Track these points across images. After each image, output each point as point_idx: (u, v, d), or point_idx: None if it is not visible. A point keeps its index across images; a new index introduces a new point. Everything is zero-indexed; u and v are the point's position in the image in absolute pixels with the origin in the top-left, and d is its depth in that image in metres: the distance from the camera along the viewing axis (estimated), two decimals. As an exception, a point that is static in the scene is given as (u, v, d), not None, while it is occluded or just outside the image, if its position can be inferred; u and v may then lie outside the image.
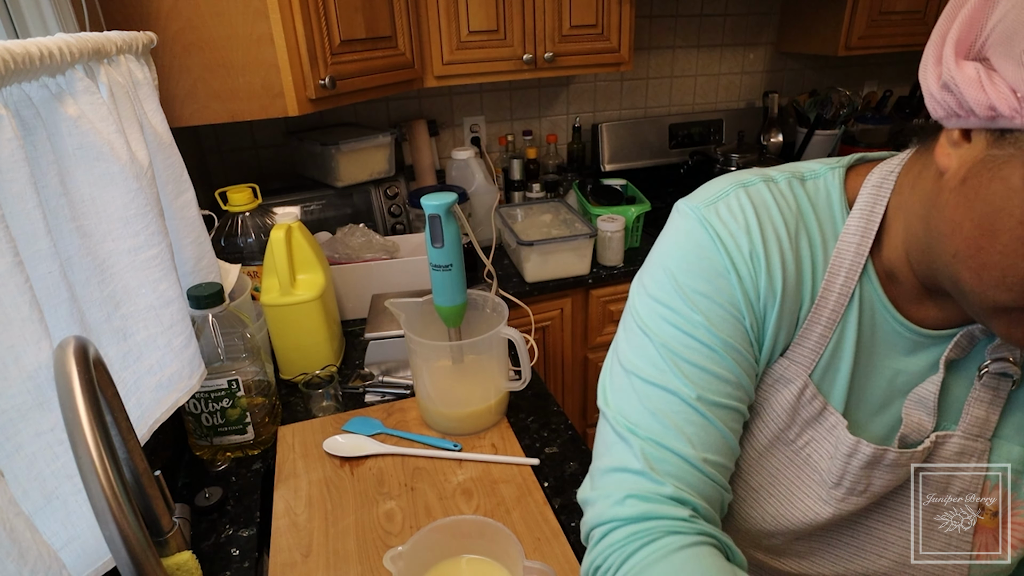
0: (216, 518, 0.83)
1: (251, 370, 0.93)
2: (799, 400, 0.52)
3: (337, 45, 1.19)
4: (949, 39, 0.37)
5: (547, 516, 0.80)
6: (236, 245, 1.23)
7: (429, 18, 1.44)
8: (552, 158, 2.00)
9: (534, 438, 0.96)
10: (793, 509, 0.55)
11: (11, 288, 0.46)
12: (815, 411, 0.52)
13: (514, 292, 1.50)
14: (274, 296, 1.07)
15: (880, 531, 0.55)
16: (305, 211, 1.55)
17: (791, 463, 0.55)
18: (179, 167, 0.88)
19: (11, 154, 0.48)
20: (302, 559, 0.75)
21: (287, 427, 1.00)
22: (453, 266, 0.89)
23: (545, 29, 1.54)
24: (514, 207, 1.76)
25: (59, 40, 0.57)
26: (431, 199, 0.86)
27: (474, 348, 0.95)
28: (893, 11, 1.91)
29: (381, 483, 0.87)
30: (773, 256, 0.49)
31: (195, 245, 0.92)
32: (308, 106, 1.16)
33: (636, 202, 1.72)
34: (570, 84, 2.02)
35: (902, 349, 0.52)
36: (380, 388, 1.08)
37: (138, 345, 0.71)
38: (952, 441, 0.51)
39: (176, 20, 1.03)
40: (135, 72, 0.80)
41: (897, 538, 0.54)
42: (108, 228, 0.66)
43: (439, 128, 1.91)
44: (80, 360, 0.45)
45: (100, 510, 0.42)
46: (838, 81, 2.39)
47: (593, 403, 1.79)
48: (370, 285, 1.33)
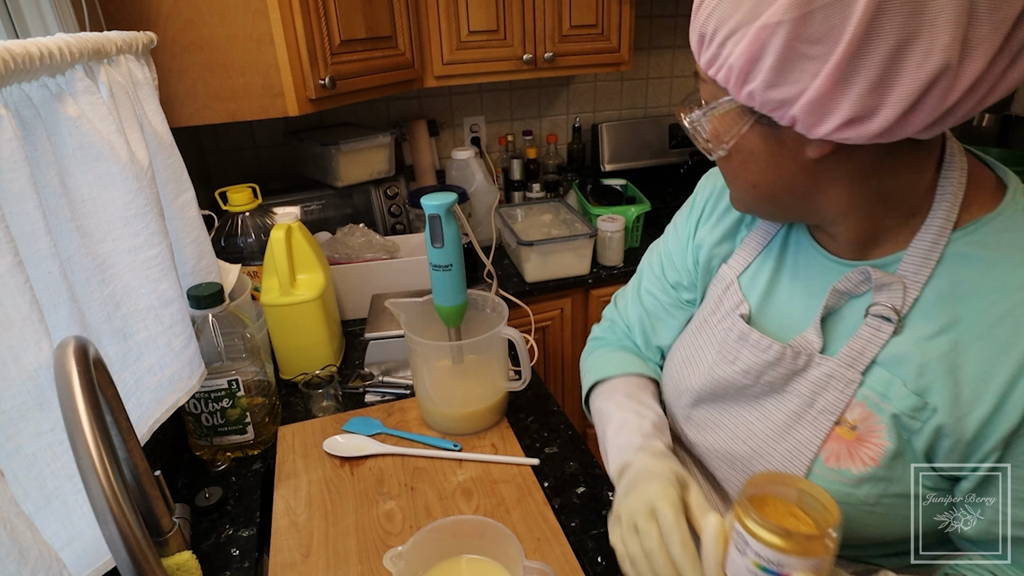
0: (216, 518, 0.83)
1: (251, 370, 0.93)
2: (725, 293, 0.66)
3: (337, 45, 1.19)
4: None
5: (547, 516, 0.80)
6: (236, 245, 1.23)
7: (429, 18, 1.44)
8: (552, 158, 2.00)
9: (534, 438, 0.96)
10: (692, 371, 0.68)
11: (11, 288, 0.46)
12: (733, 303, 0.65)
13: (514, 292, 1.50)
14: (274, 296, 1.07)
15: (751, 419, 0.62)
16: (305, 211, 1.55)
17: (702, 336, 0.69)
18: (179, 167, 0.88)
19: (11, 154, 0.48)
20: (302, 559, 0.75)
21: (287, 427, 1.00)
22: (453, 266, 0.89)
23: (545, 29, 1.54)
24: (514, 207, 1.76)
25: (59, 40, 0.57)
26: (431, 199, 0.86)
27: (474, 348, 0.95)
28: (893, 11, 1.91)
29: (381, 483, 0.87)
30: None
31: (195, 245, 0.92)
32: (308, 106, 1.16)
33: (636, 202, 1.72)
34: (570, 84, 2.02)
35: (815, 270, 0.60)
36: (380, 388, 1.08)
37: (138, 345, 0.71)
38: (826, 365, 0.56)
39: (176, 20, 1.03)
40: (135, 72, 0.80)
41: (760, 430, 0.61)
42: (108, 228, 0.66)
43: (439, 128, 1.91)
44: (80, 360, 0.45)
45: (100, 510, 0.42)
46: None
47: (593, 403, 1.79)
48: (370, 285, 1.33)
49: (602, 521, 0.80)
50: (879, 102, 0.40)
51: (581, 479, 0.87)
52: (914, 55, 0.38)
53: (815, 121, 0.43)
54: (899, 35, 0.38)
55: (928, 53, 0.38)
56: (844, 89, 0.41)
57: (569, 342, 1.67)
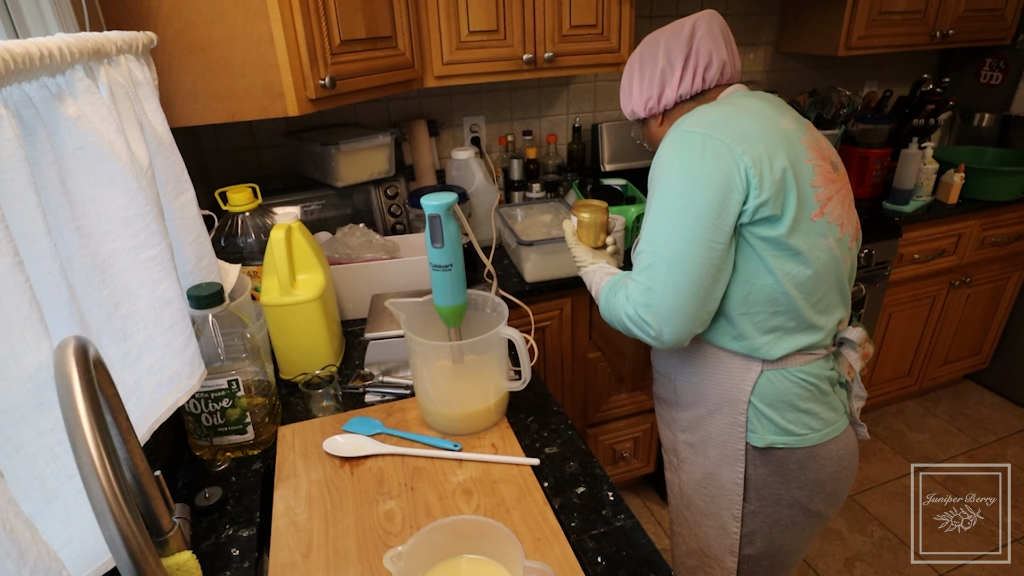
0: (216, 518, 0.83)
1: (251, 370, 0.93)
2: None
3: (337, 45, 1.19)
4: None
5: (547, 516, 0.80)
6: (236, 245, 1.23)
7: (429, 18, 1.44)
8: (552, 158, 2.00)
9: (534, 438, 0.96)
10: None
11: (11, 288, 0.46)
12: None
13: (514, 292, 1.50)
14: (274, 296, 1.07)
15: None
16: (305, 211, 1.55)
17: None
18: (179, 167, 0.88)
19: (11, 154, 0.48)
20: (302, 559, 0.75)
21: (287, 427, 1.00)
22: (453, 266, 0.89)
23: (545, 29, 1.54)
24: (514, 207, 1.76)
25: (59, 40, 0.57)
26: (431, 199, 0.86)
27: (474, 348, 0.95)
28: (893, 11, 1.92)
29: (381, 483, 0.87)
30: None
31: (195, 245, 0.92)
32: (308, 106, 1.16)
33: (636, 202, 1.72)
34: (570, 84, 2.02)
35: None
36: (380, 388, 1.08)
37: (138, 345, 0.71)
38: None
39: (176, 20, 1.03)
40: (135, 72, 0.80)
41: None
42: (108, 228, 0.66)
43: (439, 128, 1.91)
44: (80, 360, 0.45)
45: (100, 510, 0.42)
46: (838, 81, 2.39)
47: (593, 403, 1.79)
48: (370, 285, 1.33)
49: (602, 521, 0.80)
50: (652, 91, 0.99)
51: (581, 479, 0.87)
52: (655, 66, 0.98)
53: (643, 107, 1.01)
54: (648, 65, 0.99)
55: (655, 62, 0.97)
56: (642, 92, 1.00)
57: (569, 342, 1.67)
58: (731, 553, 1.03)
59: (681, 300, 0.85)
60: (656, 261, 0.85)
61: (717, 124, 0.85)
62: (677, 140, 0.87)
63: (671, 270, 0.85)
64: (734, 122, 0.86)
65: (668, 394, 1.07)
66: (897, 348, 2.25)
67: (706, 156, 0.83)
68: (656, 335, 0.88)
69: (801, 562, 1.74)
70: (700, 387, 0.99)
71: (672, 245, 0.84)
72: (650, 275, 0.86)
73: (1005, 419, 2.41)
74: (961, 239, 2.09)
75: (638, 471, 1.98)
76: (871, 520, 1.95)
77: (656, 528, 1.94)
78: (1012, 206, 2.09)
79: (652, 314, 0.87)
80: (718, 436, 0.98)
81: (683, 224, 0.83)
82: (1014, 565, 1.78)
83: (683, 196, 0.83)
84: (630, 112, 1.04)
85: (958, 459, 2.21)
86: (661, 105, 0.99)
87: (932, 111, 2.12)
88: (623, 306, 0.91)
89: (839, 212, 0.90)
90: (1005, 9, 2.12)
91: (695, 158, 0.84)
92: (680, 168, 0.85)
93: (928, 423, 2.41)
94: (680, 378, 1.03)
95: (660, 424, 1.14)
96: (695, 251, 0.84)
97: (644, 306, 0.87)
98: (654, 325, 0.87)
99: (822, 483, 0.96)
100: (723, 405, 0.96)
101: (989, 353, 2.48)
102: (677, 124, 0.89)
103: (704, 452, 1.01)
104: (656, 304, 0.86)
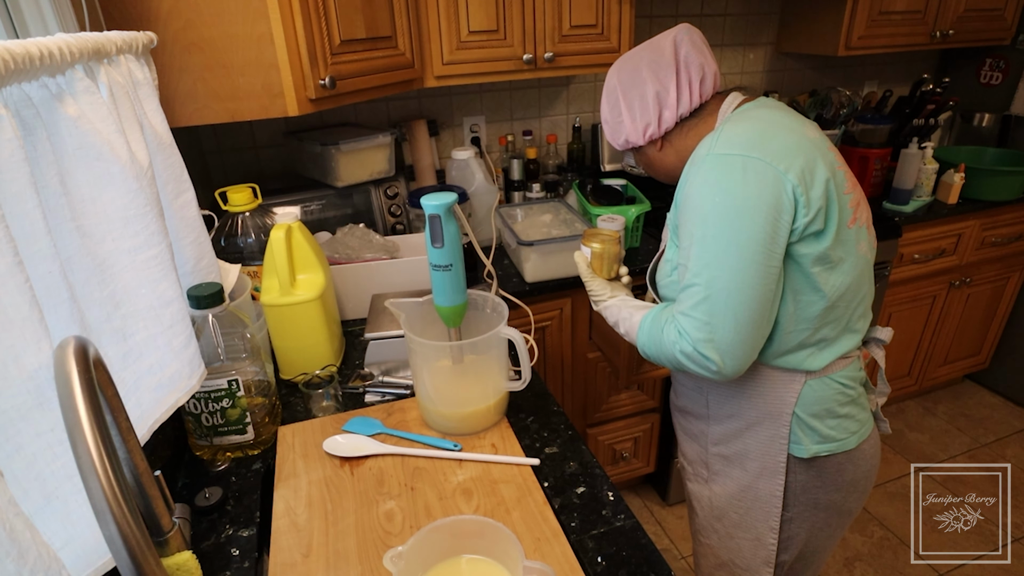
0: (216, 518, 0.83)
1: (251, 370, 0.93)
2: None
3: (337, 45, 1.19)
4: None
5: (547, 516, 0.80)
6: (236, 245, 1.23)
7: (429, 18, 1.44)
8: (552, 158, 2.00)
9: (534, 438, 0.96)
10: None
11: (11, 288, 0.46)
12: None
13: (514, 292, 1.50)
14: (274, 296, 1.07)
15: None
16: (305, 211, 1.55)
17: None
18: (179, 167, 0.88)
19: (11, 154, 0.48)
20: (302, 559, 0.75)
21: (287, 427, 1.00)
22: (453, 266, 0.89)
23: (545, 29, 1.54)
24: (514, 207, 1.76)
25: (59, 40, 0.57)
26: (431, 199, 0.86)
27: (474, 348, 0.95)
28: (893, 11, 1.92)
29: (381, 483, 0.87)
30: None
31: (195, 245, 0.92)
32: (308, 106, 1.16)
33: (636, 202, 1.72)
34: (570, 84, 2.02)
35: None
36: (380, 388, 1.08)
37: (138, 345, 0.71)
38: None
39: (176, 20, 1.03)
40: (135, 72, 0.80)
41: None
42: (108, 228, 0.66)
43: (439, 128, 1.91)
44: (80, 360, 0.45)
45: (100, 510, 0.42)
46: (838, 81, 2.39)
47: (593, 403, 1.79)
48: (370, 285, 1.33)
49: (602, 521, 0.80)
50: (649, 116, 0.94)
51: (581, 479, 0.87)
52: (645, 91, 0.93)
53: (641, 134, 0.96)
54: (634, 92, 0.94)
55: (645, 87, 0.93)
56: (634, 121, 0.96)
57: (569, 342, 1.67)
58: (767, 564, 1.01)
59: (743, 331, 0.81)
60: (712, 294, 0.80)
61: (753, 143, 0.81)
62: (713, 166, 0.82)
63: (730, 302, 0.80)
64: (768, 139, 0.82)
65: (697, 408, 1.03)
66: (897, 348, 2.25)
67: (749, 179, 0.79)
68: (719, 369, 0.83)
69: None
70: (737, 401, 0.95)
71: (727, 277, 0.79)
72: (707, 309, 0.81)
73: (1005, 419, 2.41)
74: (961, 239, 2.09)
75: (638, 471, 1.98)
76: (871, 520, 1.95)
77: (656, 528, 1.94)
78: (1012, 206, 2.09)
79: (714, 349, 0.82)
80: (757, 449, 0.95)
81: (736, 254, 0.79)
82: (1014, 565, 1.78)
83: (732, 224, 0.79)
84: (623, 143, 0.99)
85: (958, 459, 2.21)
86: (662, 129, 0.94)
87: (932, 111, 2.12)
88: (675, 344, 0.85)
89: (866, 215, 0.89)
90: (1005, 9, 2.12)
91: (737, 183, 0.79)
92: (723, 195, 0.80)
93: (928, 423, 2.41)
94: (714, 392, 0.98)
95: (683, 436, 1.10)
96: (752, 279, 0.80)
97: (705, 342, 0.82)
98: (717, 360, 0.82)
99: (856, 482, 0.97)
100: (764, 419, 0.93)
101: (989, 353, 2.48)
102: (707, 148, 0.84)
103: (741, 465, 0.98)
104: (718, 338, 0.81)
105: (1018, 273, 2.31)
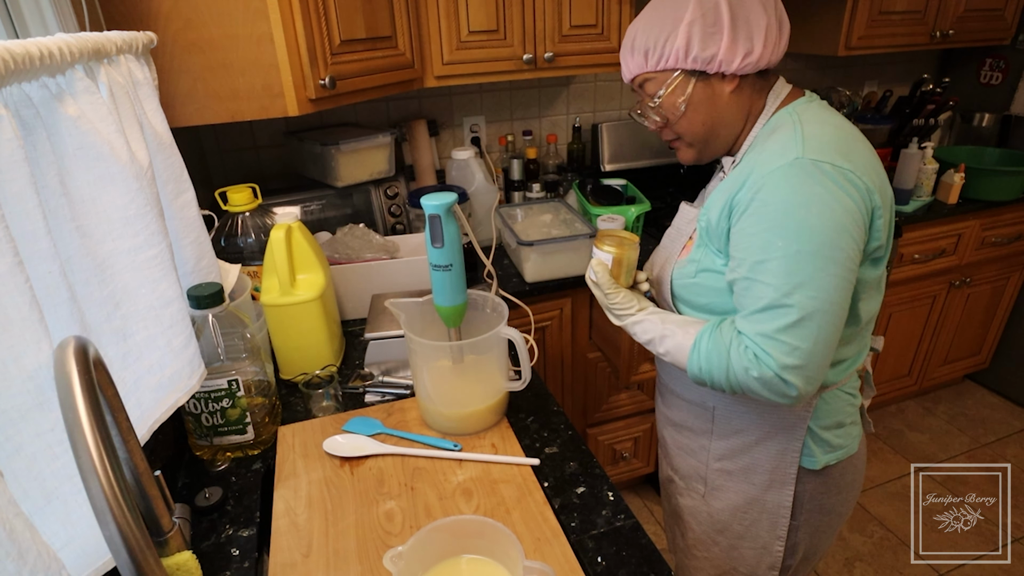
0: (216, 518, 0.83)
1: (251, 370, 0.93)
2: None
3: (337, 45, 1.19)
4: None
5: (547, 516, 0.80)
6: (236, 245, 1.23)
7: (429, 18, 1.44)
8: (552, 158, 2.00)
9: (534, 438, 0.96)
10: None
11: (11, 288, 0.46)
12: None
13: (514, 292, 1.50)
14: (274, 296, 1.07)
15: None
16: (305, 211, 1.55)
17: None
18: (179, 167, 0.88)
19: (11, 154, 0.48)
20: (302, 559, 0.75)
21: (287, 427, 1.00)
22: (453, 266, 0.89)
23: (545, 29, 1.54)
24: (514, 207, 1.76)
25: (59, 40, 0.57)
26: (431, 199, 0.86)
27: (474, 348, 0.95)
28: (893, 11, 1.91)
29: (381, 483, 0.87)
30: None
31: (195, 245, 0.92)
32: (308, 106, 1.16)
33: (636, 202, 1.72)
34: (570, 84, 2.02)
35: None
36: (380, 388, 1.08)
37: (138, 345, 0.71)
38: (692, 212, 0.94)
39: (176, 20, 1.03)
40: (135, 72, 0.80)
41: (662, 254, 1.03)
42: (108, 228, 0.66)
43: (439, 128, 1.91)
44: (80, 360, 0.45)
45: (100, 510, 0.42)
46: (838, 81, 2.39)
47: (593, 403, 1.79)
48: (370, 285, 1.33)
49: (602, 521, 0.80)
50: (754, 45, 0.79)
51: (581, 479, 0.87)
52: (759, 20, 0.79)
53: (732, 59, 0.79)
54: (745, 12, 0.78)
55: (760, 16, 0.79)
56: (735, 43, 0.79)
57: (569, 342, 1.67)
58: (772, 568, 0.99)
59: (828, 354, 0.77)
60: (806, 317, 0.74)
61: (844, 153, 0.75)
62: (808, 174, 0.74)
63: (824, 325, 0.75)
64: (854, 150, 0.77)
65: (698, 423, 0.99)
66: (897, 348, 2.25)
67: (847, 193, 0.73)
68: (798, 395, 0.77)
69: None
70: (747, 416, 0.92)
71: (824, 298, 0.74)
72: (800, 334, 0.74)
73: (1005, 419, 2.41)
74: (961, 239, 2.09)
75: (638, 471, 1.98)
76: (871, 520, 1.95)
77: (656, 528, 1.94)
78: (1012, 206, 2.09)
79: (801, 375, 0.75)
80: (766, 463, 0.93)
81: (834, 273, 0.74)
82: (1014, 565, 1.78)
83: (832, 242, 0.73)
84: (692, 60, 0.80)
85: (958, 459, 2.21)
86: (758, 64, 0.80)
87: (932, 111, 2.12)
88: (750, 369, 0.77)
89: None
90: (1005, 9, 2.12)
91: (837, 196, 0.73)
92: (822, 208, 0.73)
93: (928, 423, 2.41)
94: (722, 407, 0.94)
95: (678, 451, 1.05)
96: (843, 302, 0.76)
97: (793, 368, 0.75)
98: (800, 386, 0.76)
99: (855, 482, 0.98)
100: (776, 433, 0.90)
101: (989, 353, 2.48)
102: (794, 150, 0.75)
103: (747, 479, 0.95)
104: (808, 364, 0.75)
105: (1018, 273, 2.31)
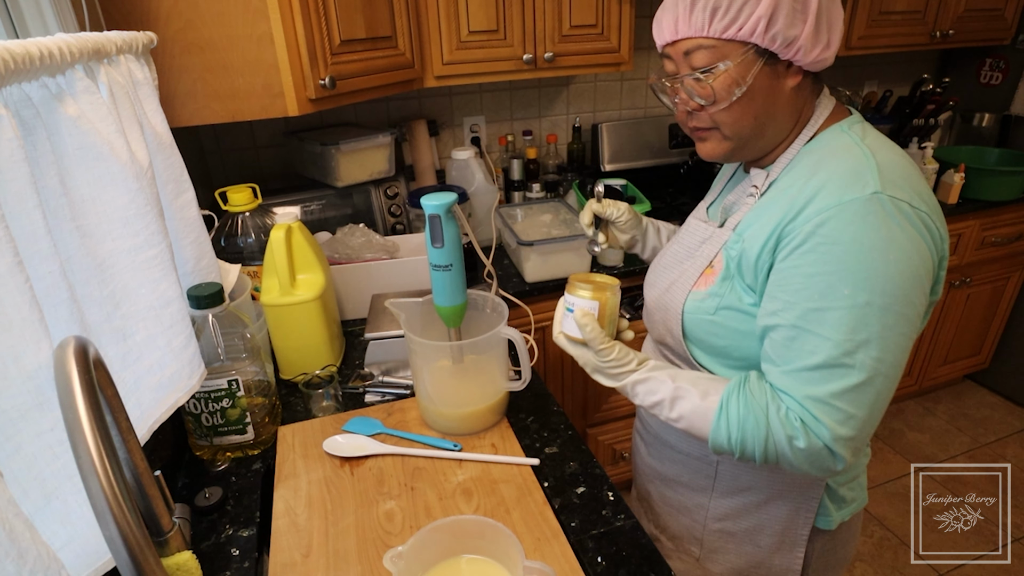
0: (216, 518, 0.83)
1: (251, 370, 0.93)
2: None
3: (337, 45, 1.19)
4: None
5: (547, 516, 0.80)
6: (236, 245, 1.23)
7: (429, 18, 1.44)
8: (552, 158, 2.00)
9: (534, 438, 0.96)
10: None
11: (11, 288, 0.46)
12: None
13: (514, 292, 1.50)
14: (274, 296, 1.07)
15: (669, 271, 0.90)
16: (305, 211, 1.55)
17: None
18: (179, 167, 0.88)
19: (11, 154, 0.48)
20: (302, 559, 0.75)
21: (287, 427, 1.00)
22: (453, 266, 0.89)
23: (545, 29, 1.54)
24: (514, 207, 1.76)
25: (59, 40, 0.57)
26: (431, 199, 0.86)
27: (474, 348, 0.95)
28: (893, 11, 1.91)
29: (381, 483, 0.87)
30: None
31: (195, 245, 0.92)
32: (308, 106, 1.16)
33: (636, 202, 1.72)
34: (570, 84, 2.02)
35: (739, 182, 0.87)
36: (380, 388, 1.08)
37: (138, 345, 0.71)
38: (710, 229, 0.83)
39: (176, 20, 1.03)
40: (135, 72, 0.80)
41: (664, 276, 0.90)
42: (108, 228, 0.66)
43: (439, 128, 1.91)
44: (80, 360, 0.45)
45: (100, 510, 0.42)
46: (838, 81, 2.39)
47: (593, 403, 1.79)
48: (370, 285, 1.33)
49: (603, 521, 0.80)
50: (831, 38, 0.69)
51: (581, 479, 0.87)
52: (838, 13, 0.70)
53: (811, 48, 0.68)
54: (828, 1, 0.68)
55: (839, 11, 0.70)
56: (818, 31, 0.67)
57: (569, 342, 1.67)
58: None
59: (877, 423, 0.68)
60: (869, 380, 0.64)
61: (916, 190, 0.66)
62: (889, 214, 0.63)
63: (883, 391, 0.66)
64: (924, 186, 0.68)
65: (697, 480, 0.89)
66: (897, 348, 2.24)
67: (923, 242, 0.65)
68: (842, 469, 0.68)
69: (801, 562, 1.73)
70: (758, 473, 0.83)
71: (888, 361, 0.65)
72: (859, 400, 0.65)
73: (1005, 419, 2.41)
74: (961, 239, 2.09)
75: (638, 471, 1.98)
76: (871, 520, 1.95)
77: (656, 528, 1.94)
78: (1012, 206, 2.09)
79: (851, 448, 0.66)
80: (775, 524, 0.84)
81: (901, 332, 0.65)
82: (1014, 565, 1.78)
83: (907, 295, 0.64)
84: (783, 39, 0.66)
85: (958, 459, 2.21)
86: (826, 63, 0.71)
87: (932, 111, 2.12)
88: (795, 438, 0.66)
89: None
90: (1005, 9, 2.12)
91: (913, 244, 0.64)
92: (902, 255, 0.63)
93: (928, 423, 2.41)
94: (728, 462, 0.85)
95: (667, 509, 0.95)
96: (903, 364, 0.67)
97: (847, 440, 0.65)
98: (848, 460, 0.67)
99: (859, 528, 0.94)
100: (789, 492, 0.82)
101: (989, 353, 2.48)
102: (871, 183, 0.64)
103: (752, 541, 0.87)
104: (860, 435, 0.66)
105: (1018, 273, 2.31)
